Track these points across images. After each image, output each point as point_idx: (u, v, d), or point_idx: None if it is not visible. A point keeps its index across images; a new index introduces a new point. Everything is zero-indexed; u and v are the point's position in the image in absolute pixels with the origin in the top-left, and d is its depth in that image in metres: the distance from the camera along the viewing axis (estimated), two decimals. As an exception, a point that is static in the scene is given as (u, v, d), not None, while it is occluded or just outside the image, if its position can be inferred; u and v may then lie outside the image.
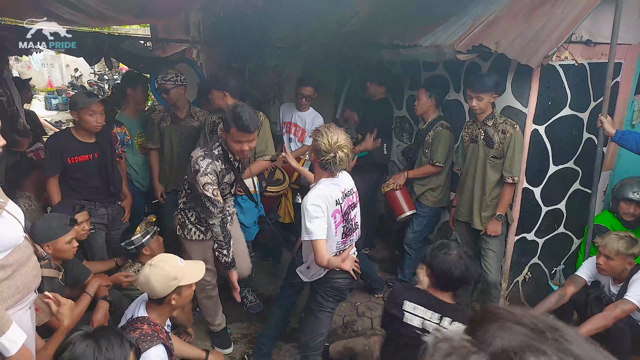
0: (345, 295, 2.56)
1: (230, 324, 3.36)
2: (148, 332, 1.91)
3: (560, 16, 2.71)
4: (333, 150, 2.19)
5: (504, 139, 2.86)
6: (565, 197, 3.25)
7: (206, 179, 2.44)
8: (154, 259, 2.03)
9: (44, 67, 13.12)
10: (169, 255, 2.11)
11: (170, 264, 2.00)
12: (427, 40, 3.29)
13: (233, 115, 2.39)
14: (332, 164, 2.21)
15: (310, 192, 2.31)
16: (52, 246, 2.29)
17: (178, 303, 2.03)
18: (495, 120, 2.91)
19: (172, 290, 1.96)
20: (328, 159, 2.20)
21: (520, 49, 2.72)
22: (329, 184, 2.32)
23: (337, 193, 2.34)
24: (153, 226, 2.77)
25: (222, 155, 2.54)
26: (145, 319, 1.98)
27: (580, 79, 2.96)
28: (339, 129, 2.29)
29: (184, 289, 2.01)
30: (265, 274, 4.13)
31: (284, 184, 3.63)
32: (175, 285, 1.96)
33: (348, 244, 2.49)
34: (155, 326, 1.97)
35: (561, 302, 2.76)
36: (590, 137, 3.14)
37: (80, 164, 2.95)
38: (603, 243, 2.64)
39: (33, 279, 1.58)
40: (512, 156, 2.84)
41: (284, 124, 4.10)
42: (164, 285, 1.94)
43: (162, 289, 1.94)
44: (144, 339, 1.86)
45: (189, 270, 2.04)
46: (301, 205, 2.29)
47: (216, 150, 2.54)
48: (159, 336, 1.93)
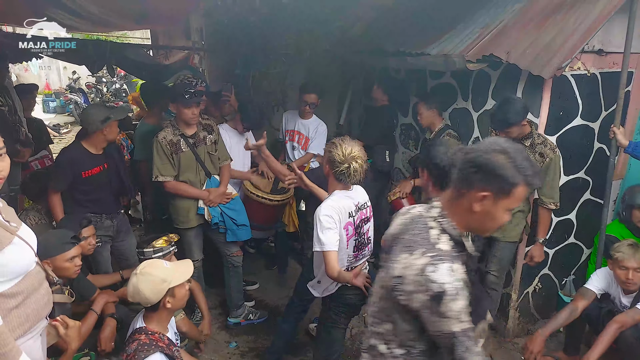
0: (358, 311, 2.53)
1: (237, 337, 3.33)
2: (145, 342, 1.88)
3: (572, 26, 2.68)
4: (347, 161, 2.20)
5: (542, 162, 2.69)
6: (576, 207, 3.22)
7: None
8: (138, 267, 1.99)
9: (42, 69, 13.04)
10: (154, 260, 2.08)
11: (156, 268, 1.96)
12: (434, 48, 3.25)
13: None
14: (347, 175, 2.22)
15: (323, 202, 2.29)
16: (52, 263, 2.23)
17: (174, 305, 1.98)
18: (534, 140, 2.72)
19: (164, 293, 1.92)
20: (342, 170, 2.21)
21: (532, 59, 2.68)
22: (342, 196, 2.31)
23: (351, 206, 2.33)
24: (171, 245, 2.72)
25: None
26: (142, 329, 1.96)
27: (592, 88, 2.93)
28: (353, 141, 2.30)
29: (177, 290, 1.97)
30: (271, 283, 4.09)
31: (289, 192, 3.59)
32: (166, 288, 1.92)
33: (360, 258, 2.46)
34: (154, 334, 1.94)
35: (573, 316, 2.72)
36: (601, 147, 3.11)
37: (93, 177, 2.93)
38: (627, 257, 2.56)
39: (44, 306, 1.53)
40: (551, 181, 2.73)
41: (287, 131, 4.05)
42: (155, 290, 1.91)
43: (153, 295, 1.91)
44: (140, 349, 1.85)
45: (177, 271, 2.00)
46: (314, 216, 2.27)
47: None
48: (157, 344, 1.90)
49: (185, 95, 2.85)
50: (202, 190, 3.10)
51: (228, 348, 3.20)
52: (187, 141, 3.02)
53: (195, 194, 3.07)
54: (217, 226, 3.13)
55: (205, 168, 3.10)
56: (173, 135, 3.00)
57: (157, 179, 2.99)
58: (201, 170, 3.09)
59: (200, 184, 3.11)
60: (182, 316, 2.77)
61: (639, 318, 2.51)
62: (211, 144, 3.14)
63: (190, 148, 3.03)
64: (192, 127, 3.05)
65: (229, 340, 3.29)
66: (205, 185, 3.12)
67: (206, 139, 3.11)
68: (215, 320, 3.51)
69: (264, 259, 4.49)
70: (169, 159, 2.98)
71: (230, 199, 3.16)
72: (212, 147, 3.14)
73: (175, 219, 3.16)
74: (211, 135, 3.14)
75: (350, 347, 3.23)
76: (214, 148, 3.15)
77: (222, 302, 3.67)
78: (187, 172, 3.05)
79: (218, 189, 3.12)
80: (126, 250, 3.23)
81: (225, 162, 3.24)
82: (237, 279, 3.36)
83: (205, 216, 3.11)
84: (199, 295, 3.06)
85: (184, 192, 3.05)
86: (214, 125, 3.22)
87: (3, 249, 1.44)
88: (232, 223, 3.12)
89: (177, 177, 3.04)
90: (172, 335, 2.09)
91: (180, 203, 3.09)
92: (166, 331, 2.04)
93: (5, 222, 1.51)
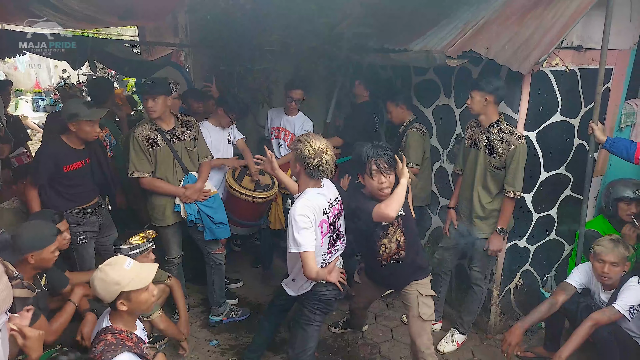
0: (333, 307, 2.52)
1: (218, 335, 3.31)
2: (112, 342, 1.84)
3: (551, 21, 2.68)
4: (318, 155, 2.20)
5: (508, 150, 2.73)
6: (557, 203, 3.22)
7: None
8: (104, 263, 1.95)
9: (31, 68, 12.91)
10: (119, 257, 2.00)
11: (114, 268, 1.89)
12: (418, 44, 3.25)
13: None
14: (320, 168, 2.21)
15: (297, 202, 2.27)
16: (37, 256, 2.23)
17: (130, 309, 1.91)
18: (501, 128, 2.78)
19: (116, 295, 1.86)
20: (315, 164, 2.20)
21: (510, 54, 2.68)
22: (315, 194, 2.29)
23: (324, 203, 2.31)
24: (149, 242, 2.69)
25: None
26: (108, 328, 1.91)
27: (571, 84, 2.93)
28: (317, 135, 2.32)
29: (134, 295, 1.89)
30: (255, 281, 4.07)
31: (272, 189, 3.57)
32: (118, 291, 1.85)
33: (333, 254, 2.45)
34: (120, 334, 1.90)
35: (552, 310, 2.72)
36: (581, 143, 3.11)
37: (75, 171, 2.91)
38: (605, 251, 2.58)
39: (3, 301, 1.50)
40: (515, 169, 2.74)
41: (272, 128, 4.04)
42: (106, 290, 1.86)
43: (105, 294, 1.87)
44: (107, 349, 1.81)
45: (136, 276, 1.91)
46: (288, 215, 2.25)
47: None
48: (125, 343, 1.86)
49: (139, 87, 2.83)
50: (178, 187, 3.07)
51: (208, 346, 3.18)
52: (164, 136, 2.99)
53: (171, 191, 3.04)
54: (193, 224, 3.10)
55: (182, 164, 3.07)
56: (150, 130, 2.97)
57: (133, 175, 2.97)
58: (178, 166, 3.07)
59: (177, 180, 3.08)
60: (160, 313, 2.74)
61: (614, 318, 2.51)
62: (190, 140, 3.11)
63: (167, 143, 3.00)
64: (169, 123, 3.03)
65: (210, 338, 3.26)
66: (183, 182, 3.09)
67: (184, 134, 3.08)
68: (197, 318, 3.49)
69: (249, 257, 4.47)
70: (145, 155, 2.95)
71: (208, 197, 3.13)
72: (190, 144, 3.11)
73: (152, 217, 3.13)
74: (190, 131, 3.12)
75: (332, 344, 3.22)
76: (193, 144, 3.13)
77: (204, 300, 3.65)
78: (163, 168, 3.02)
79: (195, 184, 3.09)
80: (110, 246, 3.21)
81: (205, 158, 3.21)
82: (219, 277, 3.34)
83: (182, 214, 3.08)
84: (178, 293, 3.03)
85: (160, 188, 3.02)
86: (194, 121, 3.20)
87: None
88: (209, 221, 3.09)
89: (154, 173, 3.02)
90: (140, 332, 2.06)
91: (156, 200, 3.07)
92: (134, 329, 2.01)
93: None
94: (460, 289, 3.49)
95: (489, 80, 2.73)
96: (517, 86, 2.81)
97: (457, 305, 3.44)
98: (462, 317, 3.21)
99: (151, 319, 2.69)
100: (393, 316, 3.56)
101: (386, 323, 3.49)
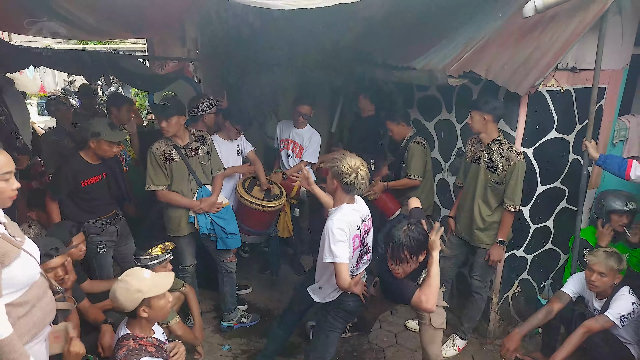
0: (354, 316, 2.67)
1: (230, 340, 3.45)
2: (135, 347, 1.96)
3: (548, 43, 2.81)
4: (354, 171, 2.35)
5: (507, 166, 2.89)
6: (553, 215, 3.38)
7: None
8: (123, 274, 2.08)
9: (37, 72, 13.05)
10: (137, 269, 2.15)
11: (134, 277, 2.04)
12: (420, 62, 3.38)
13: None
14: (356, 184, 2.36)
15: (334, 215, 2.41)
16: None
17: (152, 315, 2.04)
18: (501, 145, 2.94)
19: (139, 303, 1.99)
20: (352, 180, 2.34)
21: (509, 76, 2.82)
22: (351, 210, 2.45)
23: (357, 219, 2.47)
24: (167, 253, 2.84)
25: None
26: (128, 335, 2.03)
27: (566, 103, 3.09)
28: (352, 154, 2.47)
29: (153, 301, 2.02)
30: (264, 287, 4.22)
31: (281, 198, 3.72)
32: (140, 298, 1.98)
33: (360, 267, 2.61)
34: (141, 339, 2.02)
35: (548, 317, 2.87)
36: (576, 158, 3.27)
37: (92, 185, 3.06)
38: (595, 260, 2.72)
39: (48, 313, 1.65)
40: (514, 185, 2.90)
41: (281, 140, 4.20)
42: (129, 298, 1.98)
43: (128, 303, 1.99)
44: (131, 354, 1.92)
45: (156, 283, 2.06)
46: (325, 227, 2.39)
47: None
48: (146, 349, 1.98)
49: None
50: (193, 200, 3.22)
51: (221, 350, 3.33)
52: (179, 151, 3.15)
53: (185, 204, 3.20)
54: (206, 235, 3.26)
55: (196, 178, 3.23)
56: (166, 146, 3.14)
57: (150, 188, 3.13)
58: (192, 180, 3.22)
59: (191, 193, 3.24)
60: (177, 320, 2.88)
61: (606, 325, 2.65)
62: (203, 154, 3.27)
63: (182, 158, 3.16)
64: (184, 138, 3.19)
65: (222, 342, 3.41)
66: (197, 195, 3.25)
67: (198, 149, 3.24)
68: (210, 323, 3.64)
69: (258, 264, 4.61)
70: (162, 169, 3.11)
71: (220, 208, 3.29)
72: (204, 157, 3.27)
73: (168, 227, 3.29)
74: (204, 146, 3.28)
75: (339, 349, 3.37)
76: (206, 158, 3.29)
77: (216, 306, 3.80)
78: (178, 182, 3.18)
79: (209, 198, 3.24)
80: (128, 254, 3.34)
81: (218, 171, 3.37)
82: (231, 285, 3.49)
83: (195, 225, 3.24)
84: (193, 300, 3.17)
85: (175, 201, 3.18)
86: (208, 136, 3.35)
87: (11, 262, 1.56)
88: (222, 232, 3.25)
89: (170, 186, 3.17)
90: (159, 335, 2.18)
91: (172, 212, 3.23)
92: (152, 333, 2.13)
93: (11, 237, 1.64)
94: (461, 296, 3.64)
95: (486, 100, 2.90)
96: (515, 105, 2.97)
97: (458, 311, 3.59)
98: (463, 323, 3.37)
99: (169, 326, 2.83)
100: (397, 322, 3.71)
101: (390, 328, 3.64)
